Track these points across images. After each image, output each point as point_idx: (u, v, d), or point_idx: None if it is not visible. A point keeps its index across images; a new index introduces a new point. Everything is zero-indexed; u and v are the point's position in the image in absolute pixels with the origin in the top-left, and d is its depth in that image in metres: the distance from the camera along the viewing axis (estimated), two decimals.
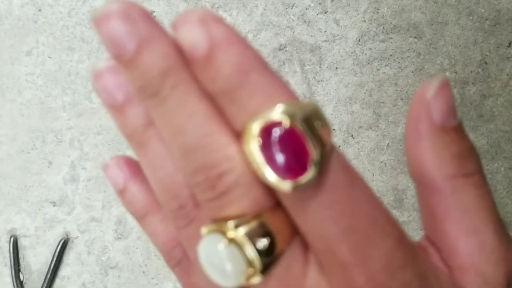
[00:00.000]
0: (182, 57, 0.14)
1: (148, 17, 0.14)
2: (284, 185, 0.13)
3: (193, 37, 0.13)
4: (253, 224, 0.14)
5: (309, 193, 0.13)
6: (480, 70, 0.64)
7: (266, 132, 0.13)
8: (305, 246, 0.15)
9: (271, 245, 0.14)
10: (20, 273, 0.60)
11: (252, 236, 0.14)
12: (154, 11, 0.63)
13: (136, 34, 0.13)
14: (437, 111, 0.15)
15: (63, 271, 0.60)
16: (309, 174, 0.13)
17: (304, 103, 0.14)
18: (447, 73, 0.63)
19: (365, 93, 0.63)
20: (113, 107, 0.16)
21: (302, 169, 0.13)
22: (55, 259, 0.59)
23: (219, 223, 0.14)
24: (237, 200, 0.14)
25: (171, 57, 0.14)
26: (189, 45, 0.13)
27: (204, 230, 0.15)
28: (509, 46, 0.64)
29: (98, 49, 0.62)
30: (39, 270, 0.60)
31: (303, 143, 0.13)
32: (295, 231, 0.15)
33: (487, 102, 0.64)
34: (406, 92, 0.63)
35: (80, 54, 0.61)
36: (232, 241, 0.14)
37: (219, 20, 0.14)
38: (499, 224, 0.16)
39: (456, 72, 0.63)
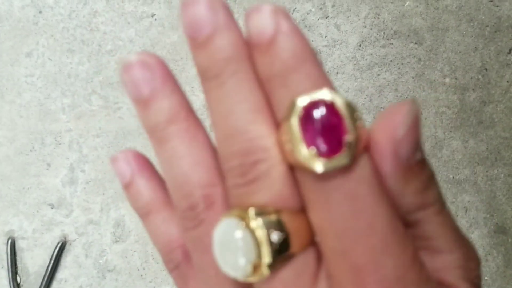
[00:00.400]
0: (247, 49, 0.15)
1: (227, 9, 0.16)
2: (316, 164, 0.13)
3: (262, 24, 0.15)
4: (272, 217, 0.14)
5: (336, 181, 0.13)
6: (480, 76, 0.64)
7: (308, 109, 0.13)
8: (319, 258, 0.15)
9: (285, 242, 0.14)
10: (17, 275, 0.59)
11: (268, 227, 0.14)
12: (155, 14, 0.63)
13: (215, 21, 0.15)
14: (405, 150, 0.14)
15: (61, 274, 0.60)
16: (342, 156, 0.13)
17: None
18: (447, 79, 0.63)
19: (365, 98, 0.63)
20: (138, 101, 0.17)
21: (337, 148, 0.13)
22: (52, 261, 0.59)
23: (240, 209, 0.15)
24: (263, 190, 0.14)
25: (238, 46, 0.15)
26: (257, 30, 0.15)
27: (222, 216, 0.15)
28: (509, 52, 0.64)
29: (98, 52, 0.61)
30: (37, 273, 0.60)
31: (341, 125, 0.13)
32: (311, 241, 0.15)
33: (487, 108, 0.64)
34: (406, 97, 0.63)
35: (80, 56, 0.61)
36: (248, 227, 0.14)
37: (288, 16, 0.15)
38: (461, 242, 0.16)
39: (456, 78, 0.64)
